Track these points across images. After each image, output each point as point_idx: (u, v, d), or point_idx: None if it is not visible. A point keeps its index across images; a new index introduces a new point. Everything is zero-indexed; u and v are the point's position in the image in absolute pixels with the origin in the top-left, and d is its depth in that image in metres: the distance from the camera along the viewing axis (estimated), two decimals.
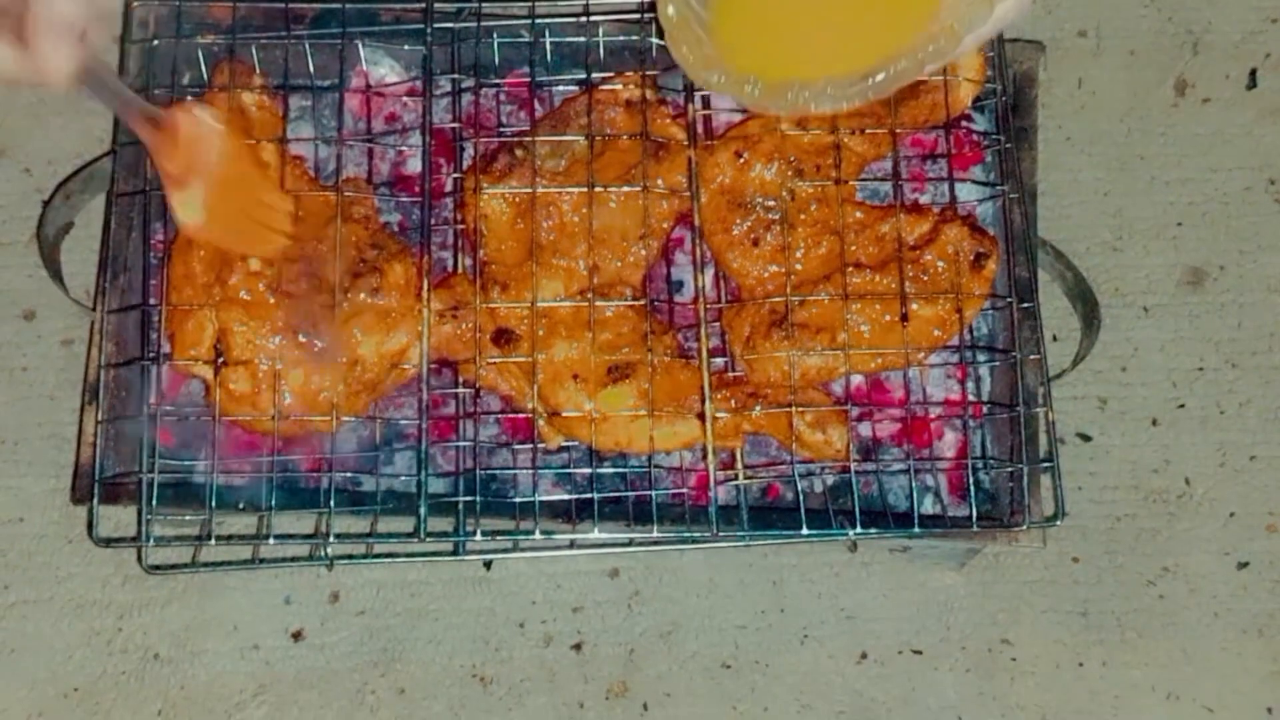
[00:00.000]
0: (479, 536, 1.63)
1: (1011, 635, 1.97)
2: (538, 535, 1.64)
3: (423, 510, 1.61)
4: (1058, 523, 1.66)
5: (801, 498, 1.70)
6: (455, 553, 1.63)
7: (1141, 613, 1.98)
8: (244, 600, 1.95)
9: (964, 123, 1.89)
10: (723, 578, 1.98)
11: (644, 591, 1.97)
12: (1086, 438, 2.04)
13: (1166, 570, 2.00)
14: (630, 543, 1.68)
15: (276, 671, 1.93)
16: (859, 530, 1.66)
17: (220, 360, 1.64)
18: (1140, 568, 2.00)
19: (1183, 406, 2.06)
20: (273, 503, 1.64)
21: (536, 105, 1.83)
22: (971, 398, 1.81)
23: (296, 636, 1.95)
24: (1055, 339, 2.01)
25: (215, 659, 1.93)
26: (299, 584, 1.96)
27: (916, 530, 1.67)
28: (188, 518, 1.65)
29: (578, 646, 1.95)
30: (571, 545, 1.67)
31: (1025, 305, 1.73)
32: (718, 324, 1.74)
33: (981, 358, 1.79)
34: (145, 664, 1.93)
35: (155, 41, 1.78)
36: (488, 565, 1.97)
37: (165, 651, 1.94)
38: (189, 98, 1.78)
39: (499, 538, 1.66)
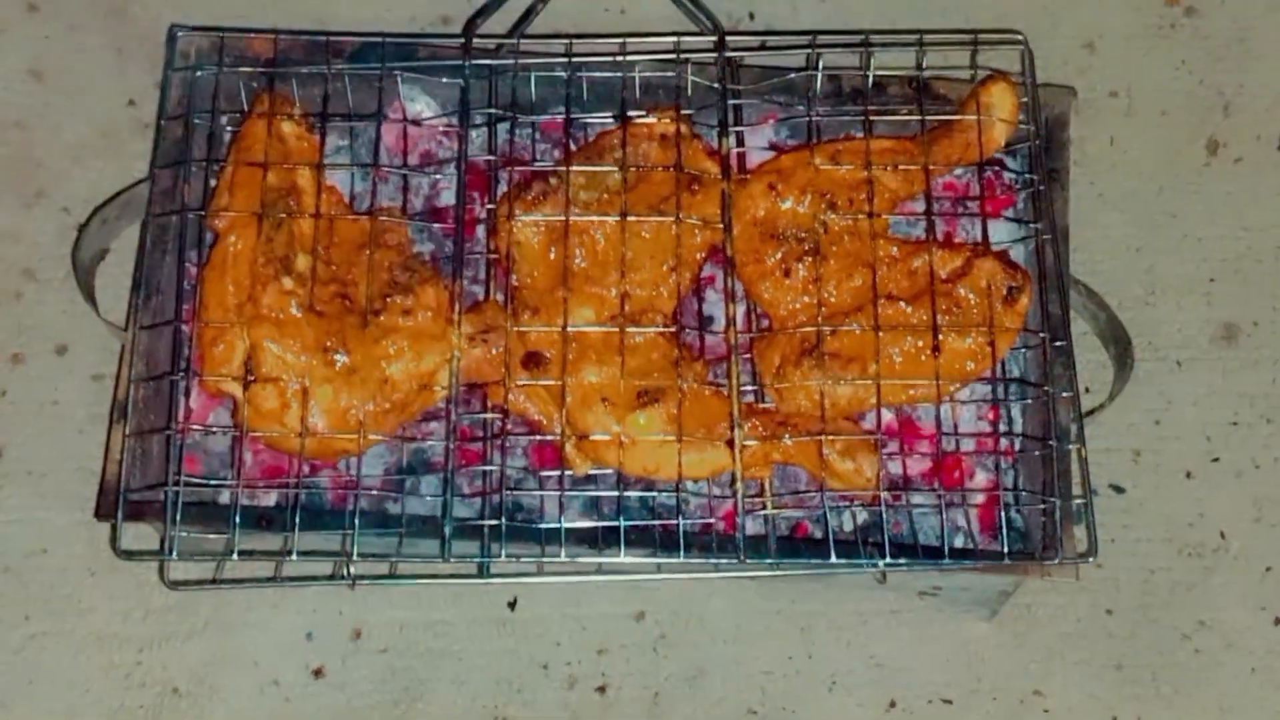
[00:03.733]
0: (504, 558, 1.62)
1: (1044, 687, 1.93)
2: (563, 558, 1.63)
3: (447, 530, 1.60)
4: (1091, 560, 1.64)
5: (831, 533, 1.68)
6: (480, 574, 1.62)
7: (1177, 667, 1.94)
8: (265, 636, 1.93)
9: (995, 166, 1.90)
10: (749, 623, 1.95)
11: (670, 635, 1.94)
12: (1120, 489, 2.01)
13: (1202, 624, 1.96)
14: (658, 568, 1.67)
15: (296, 708, 1.91)
16: (888, 560, 1.64)
17: (250, 378, 1.65)
18: (1175, 621, 1.96)
19: (1217, 460, 2.03)
20: (297, 521, 1.63)
21: (571, 143, 1.84)
22: (1003, 440, 1.80)
23: (317, 673, 1.92)
24: (1088, 390, 2.00)
25: (234, 695, 1.91)
26: (321, 620, 1.94)
27: (947, 561, 1.65)
28: (211, 537, 1.64)
29: (602, 689, 1.92)
30: (599, 570, 1.65)
31: (1058, 344, 1.72)
32: (748, 355, 1.74)
33: (1014, 394, 1.78)
34: (163, 698, 1.91)
35: (199, 73, 1.81)
36: (512, 605, 1.95)
37: (184, 686, 1.91)
38: (229, 128, 1.82)
39: (524, 560, 1.65)
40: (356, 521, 1.62)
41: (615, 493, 1.70)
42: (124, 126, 2.16)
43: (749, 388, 1.72)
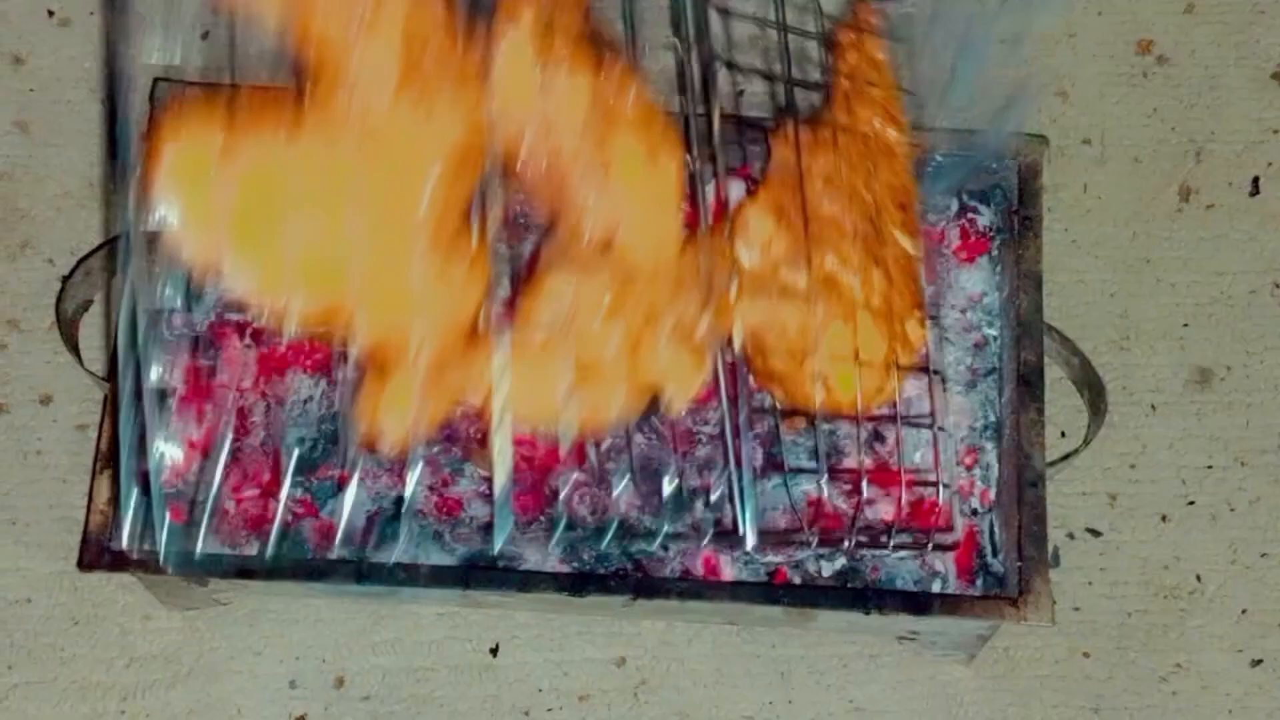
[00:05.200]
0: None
1: None
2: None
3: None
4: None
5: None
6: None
7: (1154, 709, 1.96)
8: (248, 684, 1.94)
9: (969, 213, 1.93)
10: (730, 667, 1.96)
11: (651, 680, 1.96)
12: (1096, 533, 2.03)
13: (1179, 667, 1.98)
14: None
15: None
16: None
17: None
18: (1152, 664, 1.98)
19: (1192, 503, 2.05)
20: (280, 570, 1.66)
21: None
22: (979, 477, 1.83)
23: None
24: (1063, 435, 2.02)
25: None
26: (304, 668, 1.95)
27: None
28: (197, 589, 1.66)
29: None
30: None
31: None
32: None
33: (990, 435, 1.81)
34: None
35: None
36: (494, 651, 1.96)
37: None
38: None
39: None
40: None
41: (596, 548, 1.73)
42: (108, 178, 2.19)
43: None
